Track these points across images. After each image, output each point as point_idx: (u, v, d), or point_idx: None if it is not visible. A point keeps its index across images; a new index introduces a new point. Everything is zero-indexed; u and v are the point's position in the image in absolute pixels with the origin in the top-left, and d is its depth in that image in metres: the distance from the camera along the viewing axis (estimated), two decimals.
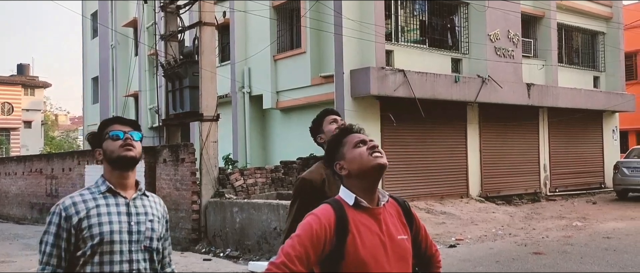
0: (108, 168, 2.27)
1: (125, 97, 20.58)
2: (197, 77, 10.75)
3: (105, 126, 2.31)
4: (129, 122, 2.33)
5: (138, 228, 2.24)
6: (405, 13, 14.55)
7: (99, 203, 2.20)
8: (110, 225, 2.18)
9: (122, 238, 2.19)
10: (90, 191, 2.24)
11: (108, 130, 2.27)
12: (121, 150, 2.23)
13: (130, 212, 2.24)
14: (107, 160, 2.26)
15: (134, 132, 2.29)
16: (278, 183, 11.86)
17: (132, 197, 2.28)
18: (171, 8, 11.88)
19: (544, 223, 11.80)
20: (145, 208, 2.30)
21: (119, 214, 2.22)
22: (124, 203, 2.25)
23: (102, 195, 2.23)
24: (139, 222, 2.25)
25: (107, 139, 2.26)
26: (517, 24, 15.77)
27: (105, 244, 2.15)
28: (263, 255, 8.91)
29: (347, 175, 1.99)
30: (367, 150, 1.97)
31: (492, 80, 14.56)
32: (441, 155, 14.49)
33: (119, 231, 2.19)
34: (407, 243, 2.00)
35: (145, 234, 2.25)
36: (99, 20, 24.41)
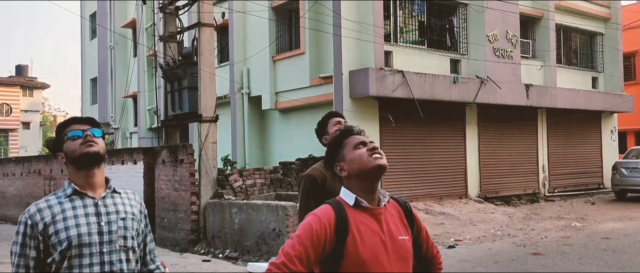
0: (73, 169, 2.20)
1: (124, 98, 20.57)
2: (196, 78, 10.74)
3: (62, 128, 2.24)
4: (87, 120, 2.26)
5: (109, 228, 2.15)
6: (404, 14, 14.57)
7: (64, 207, 2.13)
8: (78, 228, 2.10)
9: (92, 241, 2.11)
10: (56, 196, 2.17)
11: (66, 131, 2.20)
12: (82, 147, 2.15)
13: (99, 212, 2.16)
14: (70, 161, 2.19)
15: (94, 129, 2.21)
16: (277, 184, 11.85)
17: (101, 196, 2.19)
18: (170, 9, 11.87)
19: (542, 224, 11.81)
20: (116, 206, 2.21)
21: (87, 215, 2.13)
22: (92, 204, 2.17)
23: (68, 198, 2.15)
24: (109, 221, 2.16)
25: (67, 141, 2.19)
26: (515, 25, 15.80)
27: (73, 248, 2.08)
28: (262, 256, 8.91)
29: (347, 176, 2.00)
30: (367, 151, 1.98)
31: (491, 80, 14.58)
32: (440, 156, 14.50)
33: (87, 233, 2.10)
34: (407, 243, 2.01)
35: (118, 233, 2.16)
36: (97, 21, 24.41)
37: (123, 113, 19.27)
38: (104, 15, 23.93)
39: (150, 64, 19.98)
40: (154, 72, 18.12)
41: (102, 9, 24.13)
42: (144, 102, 21.03)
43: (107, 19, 23.59)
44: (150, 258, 2.35)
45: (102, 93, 24.37)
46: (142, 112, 21.09)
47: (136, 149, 12.63)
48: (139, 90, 20.93)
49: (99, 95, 24.80)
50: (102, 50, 24.30)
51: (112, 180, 2.29)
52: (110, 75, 23.58)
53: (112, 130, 23.75)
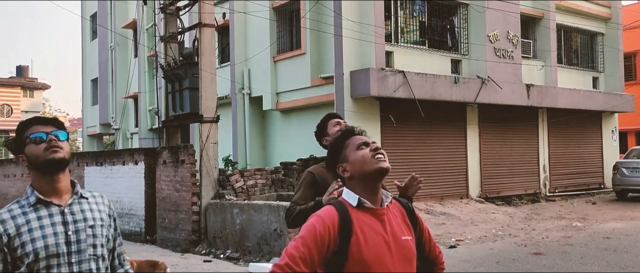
0: (36, 174, 2.05)
1: (124, 99, 20.57)
2: (197, 79, 10.75)
3: (24, 129, 2.07)
4: (51, 121, 2.11)
5: (77, 237, 2.03)
6: (404, 14, 14.57)
7: (29, 217, 1.99)
8: (44, 239, 1.97)
9: (60, 251, 1.99)
10: (19, 204, 2.04)
11: (28, 133, 2.04)
12: (47, 153, 2.01)
13: (66, 220, 2.03)
14: (33, 166, 2.03)
15: (58, 131, 2.06)
16: (278, 184, 11.86)
17: (67, 204, 2.06)
18: (171, 9, 11.88)
19: (543, 224, 11.81)
20: (84, 213, 2.08)
21: (53, 225, 2.01)
22: (58, 212, 2.03)
23: (32, 208, 2.01)
24: (77, 230, 2.04)
25: (29, 143, 2.03)
26: (516, 25, 15.80)
27: (41, 260, 1.96)
28: (263, 257, 8.91)
29: (349, 178, 1.99)
30: (370, 152, 1.98)
31: (492, 81, 14.58)
32: (441, 156, 14.50)
33: (55, 244, 1.99)
34: (411, 244, 2.00)
35: (87, 242, 2.05)
36: (98, 22, 24.42)
37: (124, 114, 19.27)
38: (105, 16, 23.95)
39: (151, 65, 19.98)
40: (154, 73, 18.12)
41: (103, 9, 24.15)
42: (144, 103, 21.04)
43: (107, 20, 23.61)
44: (119, 262, 2.26)
45: (103, 94, 24.38)
46: (142, 113, 21.10)
47: (137, 150, 12.63)
48: (139, 91, 20.94)
49: (99, 95, 24.81)
50: (103, 50, 24.32)
51: (78, 185, 2.17)
52: (110, 75, 23.60)
53: (113, 130, 23.76)
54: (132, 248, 8.93)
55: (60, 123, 2.13)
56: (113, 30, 22.66)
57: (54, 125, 2.09)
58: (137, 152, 12.08)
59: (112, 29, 22.78)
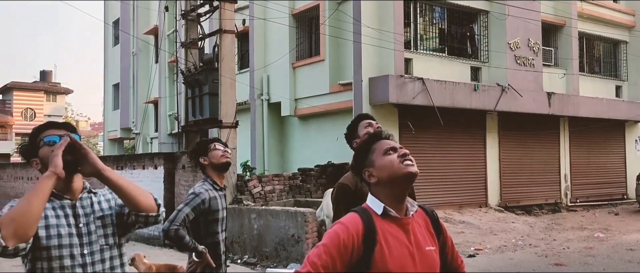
0: None
1: (145, 104, 20.83)
2: (217, 84, 10.84)
3: (38, 133, 2.15)
4: (64, 126, 2.18)
5: (88, 229, 2.11)
6: (424, 21, 14.53)
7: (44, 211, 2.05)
8: (57, 229, 2.05)
9: (72, 242, 2.06)
10: None
11: (42, 137, 2.12)
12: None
13: (77, 213, 2.11)
14: (46, 168, 2.08)
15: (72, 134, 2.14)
16: (296, 190, 11.87)
17: (78, 198, 2.15)
18: (192, 16, 12.01)
19: (564, 234, 11.62)
20: (93, 206, 2.17)
21: (65, 217, 2.09)
22: (70, 205, 2.12)
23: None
24: (88, 222, 2.12)
25: (43, 146, 2.11)
26: (537, 33, 15.64)
27: (54, 250, 2.03)
28: (280, 262, 8.91)
29: (376, 183, 1.93)
30: (398, 157, 1.91)
31: (512, 88, 14.44)
32: (460, 164, 14.38)
33: (67, 235, 2.06)
34: (435, 254, 1.95)
35: (98, 233, 2.13)
36: (120, 28, 24.79)
37: (144, 118, 19.51)
38: (127, 22, 24.30)
39: (172, 70, 20.22)
40: (175, 78, 18.32)
41: (125, 15, 24.51)
42: (164, 108, 21.26)
43: (129, 26, 23.95)
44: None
45: (124, 98, 24.70)
46: (162, 118, 21.32)
47: (157, 154, 12.77)
48: (160, 96, 21.18)
49: (121, 100, 25.14)
50: (125, 56, 24.67)
51: (87, 183, 2.23)
52: (132, 81, 23.91)
53: (133, 135, 24.05)
54: (151, 252, 9.00)
55: (73, 127, 2.20)
56: (135, 36, 22.99)
57: (67, 129, 2.16)
58: (157, 157, 12.20)
59: (134, 34, 23.10)
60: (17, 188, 19.84)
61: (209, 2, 11.53)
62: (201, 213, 3.58)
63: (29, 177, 19.04)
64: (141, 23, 23.33)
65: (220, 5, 10.91)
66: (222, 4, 10.85)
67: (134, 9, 23.55)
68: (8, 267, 9.41)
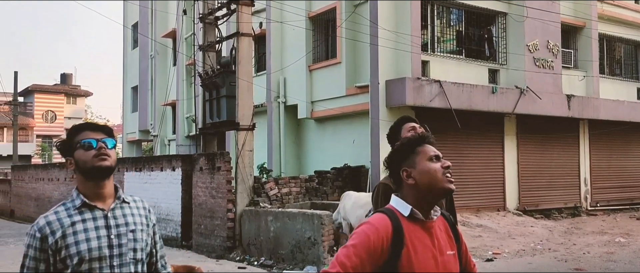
0: (81, 179, 2.11)
1: (163, 106, 21.03)
2: (234, 87, 10.91)
3: (75, 133, 2.13)
4: (102, 128, 2.16)
5: (119, 241, 2.08)
6: (441, 23, 14.45)
7: (74, 220, 2.05)
8: (88, 242, 2.02)
9: (102, 255, 2.04)
10: (65, 207, 2.09)
11: (79, 138, 2.10)
12: (95, 160, 2.07)
13: (109, 224, 2.08)
14: (80, 171, 2.10)
15: (107, 139, 2.12)
16: (312, 192, 11.88)
17: (110, 208, 2.11)
18: (209, 19, 12.11)
19: (584, 239, 11.46)
20: (126, 218, 2.13)
21: (97, 229, 2.06)
22: (102, 216, 2.09)
23: (78, 211, 2.07)
24: (119, 234, 2.09)
25: (79, 148, 2.09)
26: (556, 35, 15.46)
27: (85, 263, 2.01)
28: (297, 265, 8.93)
29: (412, 185, 1.91)
30: (441, 168, 1.92)
31: (531, 91, 14.29)
32: (477, 167, 14.26)
33: (98, 248, 2.03)
34: (455, 259, 1.96)
35: (128, 246, 2.10)
36: (139, 31, 25.09)
37: (162, 120, 19.69)
38: (146, 25, 24.58)
39: (189, 73, 20.38)
40: (192, 81, 18.47)
41: (144, 19, 24.79)
42: (182, 110, 21.45)
43: (148, 29, 24.22)
44: (162, 265, 2.29)
45: (143, 101, 24.97)
46: (180, 120, 21.51)
47: (175, 156, 12.88)
48: (177, 99, 21.37)
49: (139, 103, 25.42)
50: (143, 59, 24.94)
51: (121, 189, 2.22)
52: (150, 83, 24.16)
53: (151, 137, 24.30)
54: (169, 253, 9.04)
55: (110, 130, 2.18)
56: (153, 39, 23.24)
57: (104, 133, 2.14)
58: (175, 159, 12.31)
59: (152, 38, 23.36)
60: (38, 190, 20.17)
61: (227, 5, 11.62)
62: None
63: (49, 178, 19.33)
64: (159, 26, 23.58)
65: (237, 8, 10.99)
66: (239, 7, 10.92)
67: (153, 13, 23.81)
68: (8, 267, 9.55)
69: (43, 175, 19.98)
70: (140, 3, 24.53)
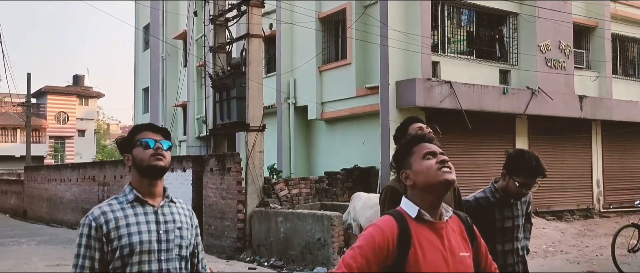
0: (136, 175, 2.23)
1: (174, 107, 21.14)
2: (244, 88, 10.94)
3: (136, 132, 2.26)
4: (161, 131, 2.28)
5: (167, 236, 2.18)
6: (452, 24, 14.39)
7: (127, 213, 2.15)
8: (140, 235, 2.13)
9: (151, 248, 2.14)
10: (118, 200, 2.20)
11: (139, 137, 2.23)
12: (151, 159, 2.18)
13: (158, 220, 2.19)
14: (136, 167, 2.21)
15: (165, 141, 2.24)
16: (322, 194, 11.87)
17: (159, 205, 2.23)
18: (220, 20, 12.16)
19: (597, 241, 11.35)
20: (173, 215, 2.24)
21: (147, 223, 2.17)
22: (152, 212, 2.20)
23: (130, 205, 2.18)
24: (167, 230, 2.19)
25: (138, 146, 2.21)
26: (568, 35, 15.33)
27: (135, 254, 2.11)
28: (307, 266, 8.92)
29: (411, 186, 1.93)
30: (436, 163, 1.90)
31: (543, 92, 14.19)
32: (488, 168, 14.14)
33: (148, 241, 2.14)
34: (469, 260, 1.94)
35: (175, 242, 2.20)
36: (150, 33, 25.23)
37: (173, 122, 19.79)
38: (157, 27, 24.72)
39: (200, 74, 20.47)
40: (203, 82, 18.55)
41: (155, 21, 24.94)
42: (193, 111, 21.54)
43: (159, 31, 24.36)
44: (202, 266, 2.38)
45: (154, 102, 25.12)
46: (191, 121, 21.60)
47: (185, 157, 12.94)
48: (188, 100, 21.46)
49: (150, 104, 25.57)
50: (154, 60, 25.09)
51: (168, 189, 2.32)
52: (161, 85, 24.30)
53: None
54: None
55: (168, 134, 2.31)
56: (164, 41, 23.37)
57: (162, 135, 2.27)
58: (186, 160, 12.36)
59: (163, 39, 23.49)
60: (51, 190, 20.35)
61: (237, 6, 11.66)
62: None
63: (62, 179, 19.49)
64: (170, 28, 23.71)
65: (248, 9, 11.02)
66: (249, 9, 10.96)
67: (164, 14, 23.95)
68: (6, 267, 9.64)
69: (55, 176, 20.15)
70: (151, 5, 24.68)
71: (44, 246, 12.74)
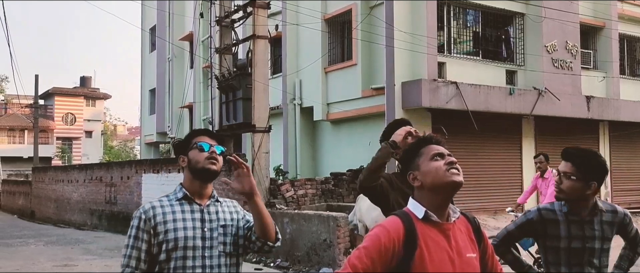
0: (189, 176, 2.35)
1: (180, 109, 21.21)
2: (250, 89, 10.97)
3: (193, 136, 2.41)
4: (216, 137, 2.43)
5: (211, 234, 2.29)
6: (457, 25, 14.36)
7: (175, 209, 2.29)
8: (185, 231, 2.25)
9: (195, 244, 2.25)
10: (168, 198, 2.34)
11: (196, 141, 2.37)
12: (206, 162, 2.31)
13: (204, 218, 2.31)
14: (191, 169, 2.34)
15: (219, 146, 2.38)
16: (328, 194, 11.88)
17: (206, 204, 2.35)
18: (226, 22, 12.19)
19: None
20: (218, 214, 2.35)
21: (193, 220, 2.28)
22: (199, 210, 2.31)
23: (178, 202, 2.31)
24: (211, 228, 2.30)
25: (194, 149, 2.35)
26: (575, 35, 15.26)
27: (179, 249, 2.22)
28: (312, 267, 8.93)
29: (419, 187, 1.93)
30: (444, 165, 1.90)
31: (549, 92, 14.13)
32: (495, 169, 14.14)
33: (193, 237, 2.25)
34: (475, 261, 1.93)
35: (219, 240, 2.30)
36: (157, 34, 25.34)
37: (179, 123, 19.86)
38: (163, 29, 24.83)
39: (206, 76, 20.53)
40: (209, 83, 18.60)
41: (161, 22, 25.05)
42: (199, 113, 21.61)
43: (165, 32, 24.47)
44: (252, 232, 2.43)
45: (160, 103, 25.22)
46: (197, 122, 21.67)
47: None
48: (194, 101, 21.53)
49: (156, 105, 25.68)
50: (161, 62, 25.20)
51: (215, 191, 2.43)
52: (167, 86, 24.40)
53: (168, 139, 24.51)
54: None
55: (222, 140, 2.46)
56: (170, 43, 23.46)
57: (217, 141, 2.41)
58: None
59: (169, 41, 23.58)
60: (58, 191, 20.46)
61: (243, 8, 11.69)
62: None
63: (69, 179, 19.59)
64: (176, 29, 23.80)
65: (253, 11, 11.05)
66: (255, 10, 10.98)
67: (170, 16, 24.05)
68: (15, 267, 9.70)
69: (63, 177, 20.26)
70: (157, 7, 24.79)
71: (51, 246, 12.82)
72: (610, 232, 2.83)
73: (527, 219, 2.84)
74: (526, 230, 2.86)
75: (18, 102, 31.91)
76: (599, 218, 2.79)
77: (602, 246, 2.78)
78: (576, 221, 2.75)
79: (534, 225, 2.81)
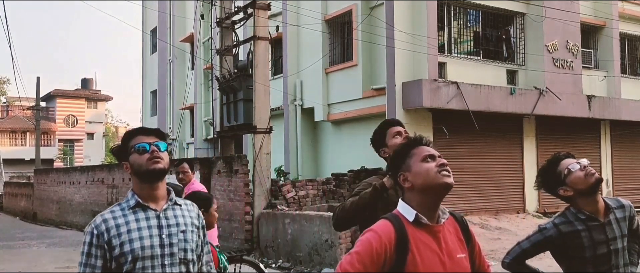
0: (137, 181, 2.20)
1: (181, 110, 21.24)
2: (251, 90, 10.98)
3: (129, 138, 2.24)
4: (154, 132, 2.25)
5: (170, 240, 2.15)
6: (458, 25, 14.37)
7: (128, 219, 2.13)
8: (141, 241, 2.10)
9: (154, 253, 2.11)
10: (120, 207, 2.18)
11: (133, 143, 2.20)
12: (149, 163, 2.16)
13: (161, 224, 2.16)
14: (135, 174, 2.19)
15: (159, 142, 2.21)
16: (329, 195, 11.89)
17: (162, 208, 2.19)
18: (227, 23, 12.21)
19: None
20: (177, 218, 2.20)
21: (149, 228, 2.14)
22: (155, 216, 2.17)
23: (132, 210, 2.16)
24: (170, 234, 2.16)
25: (133, 153, 2.18)
26: (576, 34, 15.26)
27: (138, 261, 2.09)
28: (314, 267, 8.94)
29: (409, 188, 1.92)
30: (435, 167, 1.90)
31: (550, 92, 14.13)
32: (496, 169, 14.13)
33: (150, 246, 2.11)
34: (465, 262, 1.94)
35: (179, 246, 2.16)
36: (158, 36, 25.37)
37: (180, 124, 19.88)
38: (164, 30, 24.85)
39: (207, 77, 20.55)
40: (210, 85, 18.63)
41: (163, 24, 25.07)
42: (200, 114, 21.63)
43: (166, 34, 24.49)
44: (207, 270, 2.34)
45: (161, 105, 25.24)
46: (198, 124, 21.69)
47: (193, 159, 12.98)
48: (195, 102, 21.55)
49: (158, 107, 25.70)
50: (162, 63, 25.22)
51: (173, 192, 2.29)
52: (169, 87, 24.41)
53: (170, 140, 24.54)
54: None
55: (162, 134, 2.28)
56: (172, 44, 23.48)
57: (156, 136, 2.24)
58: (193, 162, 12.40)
59: (170, 42, 23.60)
60: (60, 193, 20.50)
61: (244, 9, 11.70)
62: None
63: (71, 181, 19.63)
64: (178, 31, 23.83)
65: (254, 12, 11.07)
66: (256, 11, 11.00)
67: (171, 18, 24.08)
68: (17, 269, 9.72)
69: (64, 179, 20.30)
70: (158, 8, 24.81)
71: (53, 248, 12.85)
72: (626, 227, 2.71)
73: (545, 237, 2.67)
74: (542, 247, 2.71)
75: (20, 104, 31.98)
76: (614, 217, 2.67)
77: (623, 244, 2.67)
78: (597, 226, 2.62)
79: (552, 241, 2.66)
